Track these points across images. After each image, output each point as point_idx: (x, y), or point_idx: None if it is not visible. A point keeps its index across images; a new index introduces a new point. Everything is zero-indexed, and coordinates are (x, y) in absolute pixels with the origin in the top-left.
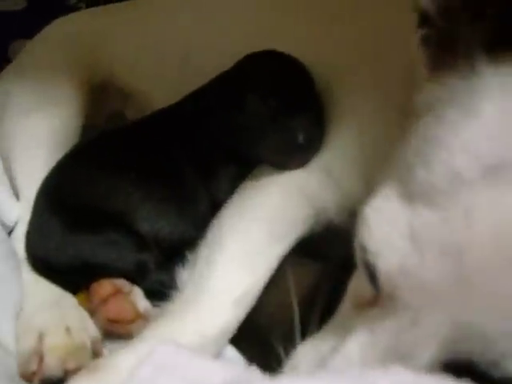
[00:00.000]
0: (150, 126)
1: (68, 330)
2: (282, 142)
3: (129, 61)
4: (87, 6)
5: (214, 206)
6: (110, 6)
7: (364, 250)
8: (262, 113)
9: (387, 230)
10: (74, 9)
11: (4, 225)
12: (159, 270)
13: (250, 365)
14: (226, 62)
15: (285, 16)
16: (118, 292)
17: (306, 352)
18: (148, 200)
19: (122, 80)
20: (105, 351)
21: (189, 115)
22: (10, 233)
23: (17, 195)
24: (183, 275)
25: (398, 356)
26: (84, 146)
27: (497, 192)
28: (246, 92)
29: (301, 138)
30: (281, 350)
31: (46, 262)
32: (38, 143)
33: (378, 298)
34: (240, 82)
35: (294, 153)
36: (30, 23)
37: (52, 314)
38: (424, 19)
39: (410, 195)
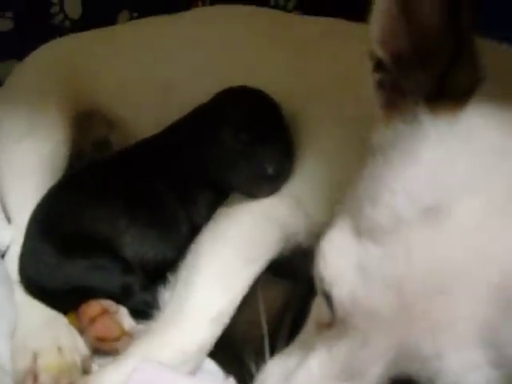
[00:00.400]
0: (134, 157)
1: (60, 349)
2: (252, 173)
3: (113, 89)
4: (72, 25)
5: (194, 230)
6: (96, 31)
7: (321, 279)
8: (234, 146)
9: (340, 262)
10: (59, 28)
11: None
12: (143, 291)
13: (227, 377)
14: (206, 92)
15: (259, 52)
16: (105, 312)
17: (274, 367)
18: (133, 227)
19: (107, 108)
20: (94, 366)
21: (168, 146)
22: (2, 256)
23: (8, 219)
24: (165, 296)
25: (351, 372)
26: (73, 176)
27: (432, 231)
28: (220, 126)
29: (270, 170)
30: (252, 365)
31: (39, 284)
32: (29, 169)
33: (334, 321)
34: (215, 117)
35: (263, 183)
36: (17, 44)
37: (45, 334)
38: (379, 64)
39: (360, 230)
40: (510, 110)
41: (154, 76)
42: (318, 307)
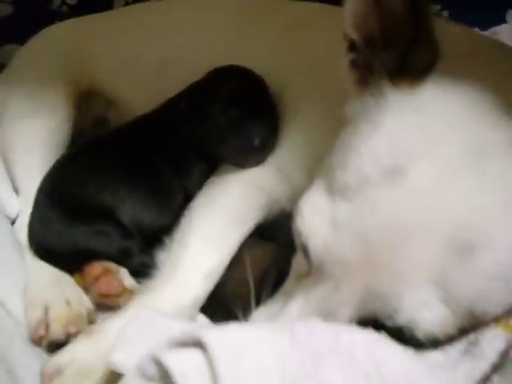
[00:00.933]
0: (132, 132)
1: (68, 302)
2: (240, 145)
3: (111, 70)
4: (69, 10)
5: (187, 198)
6: (94, 15)
7: (298, 233)
8: (224, 121)
9: (315, 217)
10: (57, 13)
11: (8, 217)
12: (142, 253)
13: None
14: (198, 70)
15: (248, 32)
16: (107, 272)
17: (259, 313)
18: (132, 195)
19: (106, 87)
20: (98, 321)
21: (164, 122)
22: (11, 224)
23: (16, 191)
24: (161, 257)
25: (325, 314)
26: (76, 151)
27: (392, 190)
28: (210, 103)
29: (256, 142)
30: (240, 316)
31: (47, 248)
32: (36, 144)
33: (311, 271)
34: (206, 94)
35: (250, 154)
36: (17, 29)
37: (54, 290)
38: (352, 45)
39: (333, 190)
40: (465, 84)
41: (149, 57)
42: (297, 260)
